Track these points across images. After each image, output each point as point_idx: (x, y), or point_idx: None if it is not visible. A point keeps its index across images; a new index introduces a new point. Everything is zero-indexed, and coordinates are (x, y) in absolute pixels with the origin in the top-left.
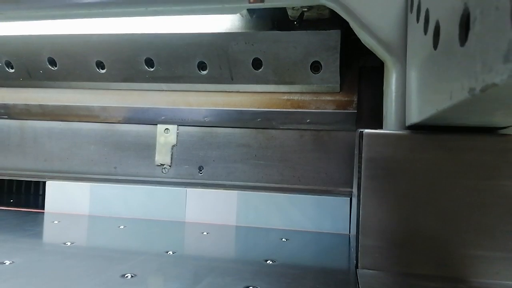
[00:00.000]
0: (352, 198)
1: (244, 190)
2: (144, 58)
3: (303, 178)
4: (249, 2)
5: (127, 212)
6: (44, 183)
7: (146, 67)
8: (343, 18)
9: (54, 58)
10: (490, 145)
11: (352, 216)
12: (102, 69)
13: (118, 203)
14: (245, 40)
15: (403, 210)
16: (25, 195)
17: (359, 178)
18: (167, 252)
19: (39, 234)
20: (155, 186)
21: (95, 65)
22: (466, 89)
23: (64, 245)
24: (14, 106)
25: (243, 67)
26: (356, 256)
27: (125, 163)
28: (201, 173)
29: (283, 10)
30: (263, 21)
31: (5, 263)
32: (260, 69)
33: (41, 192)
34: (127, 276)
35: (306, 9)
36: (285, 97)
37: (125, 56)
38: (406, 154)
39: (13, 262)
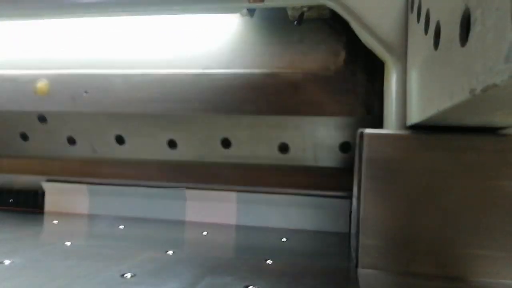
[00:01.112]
0: (353, 198)
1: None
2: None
3: None
4: (249, 2)
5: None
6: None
7: None
8: (343, 18)
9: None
10: (490, 145)
11: (352, 216)
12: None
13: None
14: None
15: (403, 210)
16: (24, 195)
17: (360, 178)
18: (167, 252)
19: (39, 234)
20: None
21: None
22: (466, 90)
23: (64, 245)
24: None
25: None
26: (356, 255)
27: None
28: None
29: (283, 10)
30: (263, 21)
31: (4, 263)
32: None
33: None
34: (127, 276)
35: (306, 9)
36: None
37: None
38: (406, 154)
39: (12, 262)
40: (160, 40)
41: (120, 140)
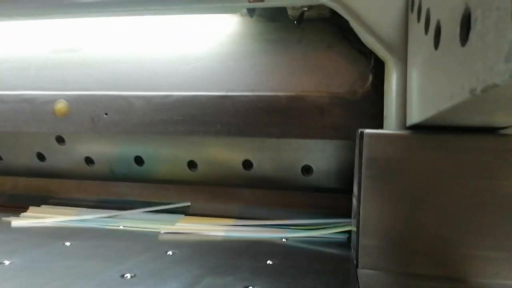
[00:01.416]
0: (353, 198)
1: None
2: None
3: None
4: (249, 2)
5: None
6: None
7: None
8: (344, 18)
9: None
10: (491, 145)
11: (352, 216)
12: None
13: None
14: None
15: (403, 210)
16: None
17: (359, 178)
18: (167, 252)
19: (38, 234)
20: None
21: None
22: (467, 90)
23: (64, 245)
24: None
25: None
26: (356, 256)
27: None
28: None
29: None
30: (263, 21)
31: (4, 263)
32: None
33: None
34: (127, 276)
35: (306, 9)
36: None
37: None
38: (406, 154)
39: (12, 262)
40: (182, 57)
41: (139, 161)
